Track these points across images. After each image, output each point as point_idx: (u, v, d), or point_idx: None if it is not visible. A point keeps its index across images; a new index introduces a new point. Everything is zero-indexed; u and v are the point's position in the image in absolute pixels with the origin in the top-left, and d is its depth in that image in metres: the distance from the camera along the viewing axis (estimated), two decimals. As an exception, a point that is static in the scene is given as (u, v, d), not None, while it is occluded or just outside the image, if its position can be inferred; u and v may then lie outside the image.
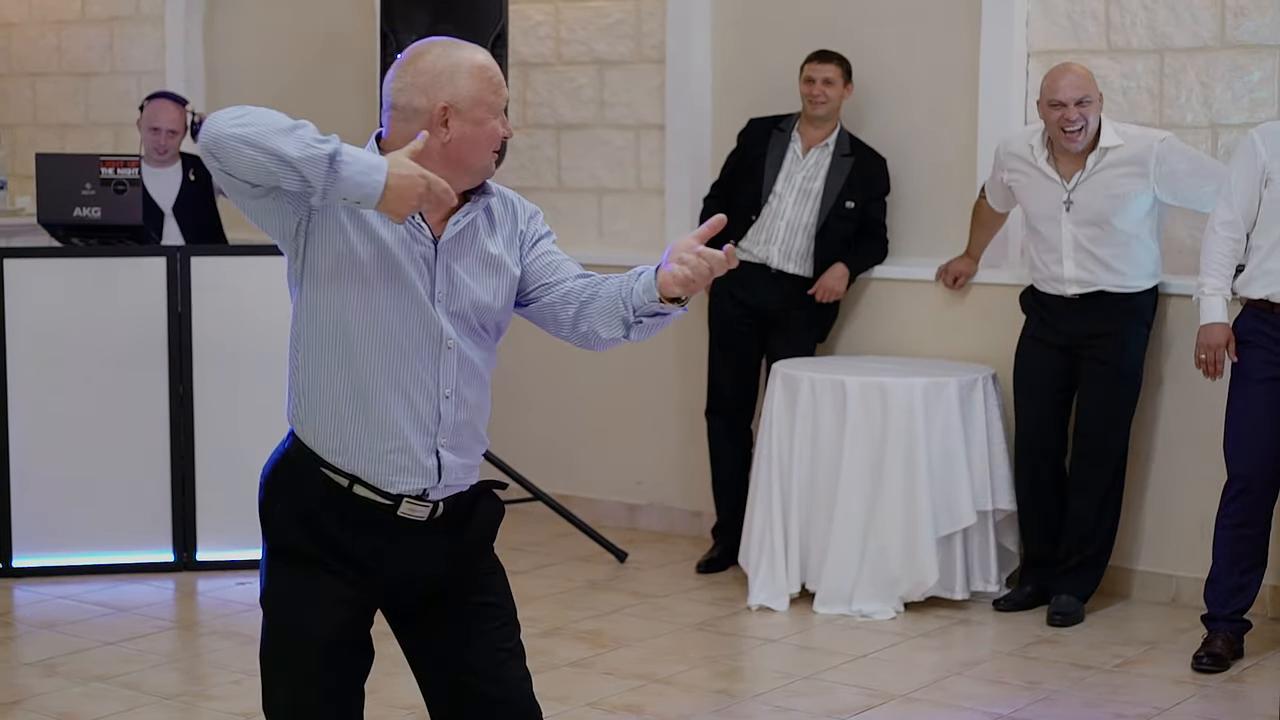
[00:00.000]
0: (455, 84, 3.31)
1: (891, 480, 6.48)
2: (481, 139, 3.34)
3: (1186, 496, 6.62)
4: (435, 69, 3.33)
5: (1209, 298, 6.00)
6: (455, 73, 3.32)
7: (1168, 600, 6.65)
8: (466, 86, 3.32)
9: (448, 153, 3.33)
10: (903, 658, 6.07)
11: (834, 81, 7.01)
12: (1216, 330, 5.97)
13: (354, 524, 3.38)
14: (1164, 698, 5.64)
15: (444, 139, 3.31)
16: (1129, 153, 6.33)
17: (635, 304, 3.40)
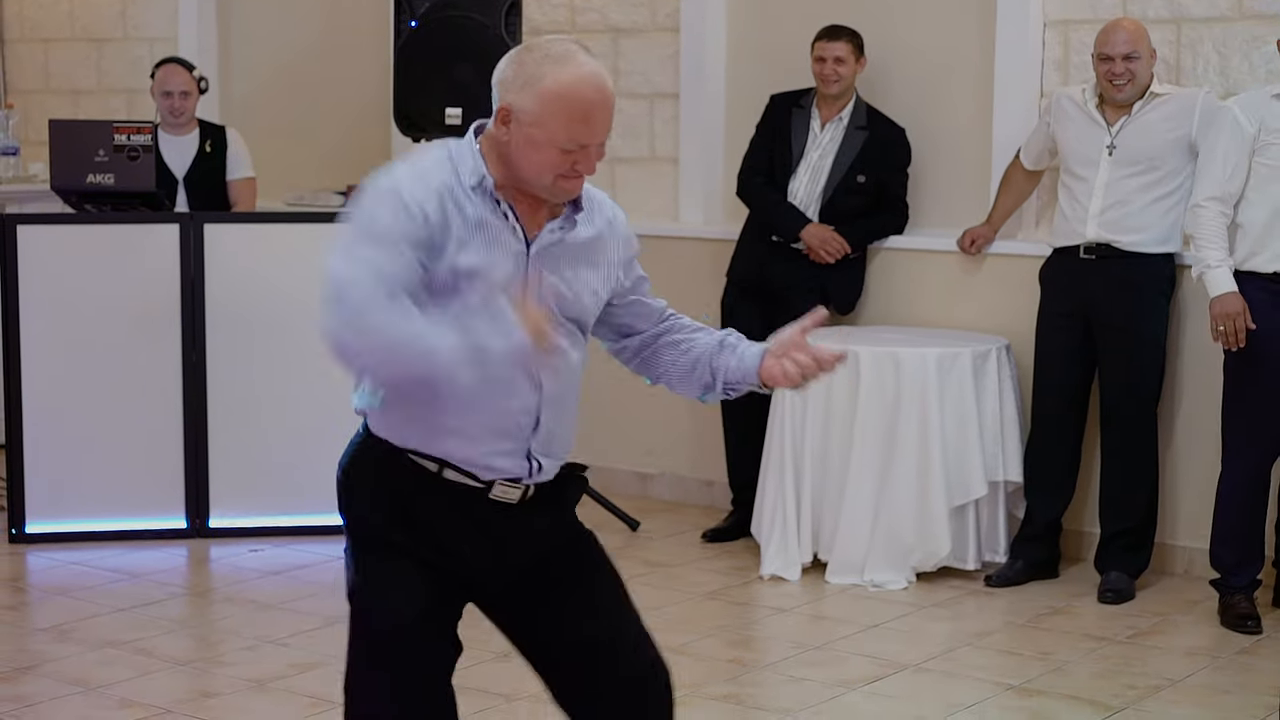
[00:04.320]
0: (526, 94, 3.18)
1: (904, 451, 6.48)
2: (537, 159, 3.21)
3: (1192, 468, 6.61)
4: (524, 68, 3.21)
5: (1214, 269, 6.00)
6: (533, 85, 3.18)
7: (1180, 572, 6.64)
8: (532, 106, 3.17)
9: (504, 152, 3.24)
10: (914, 628, 6.07)
11: (845, 59, 6.99)
12: (1232, 299, 5.97)
13: (444, 508, 3.32)
14: (1176, 669, 5.64)
15: (502, 137, 3.22)
16: (1175, 100, 6.38)
17: (728, 380, 3.45)
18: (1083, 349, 6.51)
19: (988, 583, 6.54)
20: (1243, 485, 6.10)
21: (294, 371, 6.98)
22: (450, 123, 7.22)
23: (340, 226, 3.24)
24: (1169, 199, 6.37)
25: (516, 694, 5.23)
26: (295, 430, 7.00)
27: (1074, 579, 6.60)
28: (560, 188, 3.25)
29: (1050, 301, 6.62)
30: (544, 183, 3.24)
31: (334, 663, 5.48)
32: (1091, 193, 6.42)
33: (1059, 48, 6.98)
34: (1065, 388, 6.57)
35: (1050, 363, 6.60)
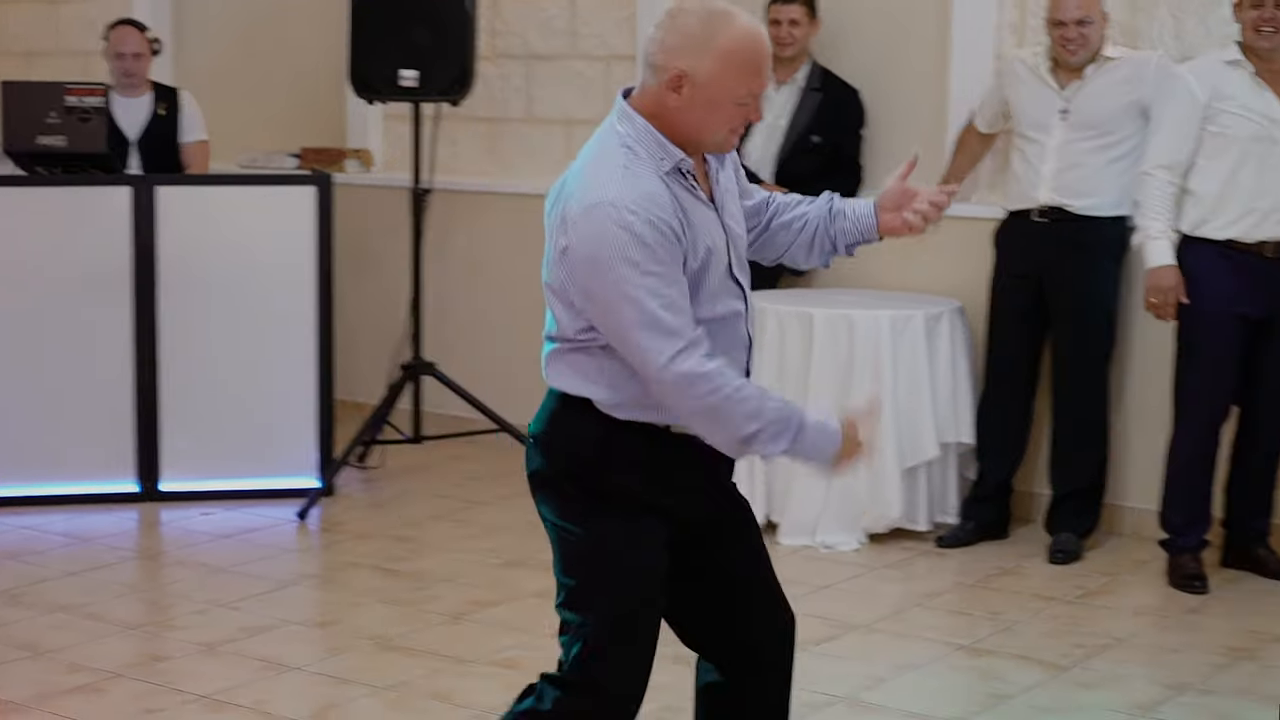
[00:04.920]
0: (700, 57, 3.20)
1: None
2: (715, 118, 3.25)
3: (1142, 430, 6.64)
4: (689, 31, 3.21)
5: (1155, 240, 6.04)
6: (707, 46, 3.20)
7: (1129, 533, 6.67)
8: (710, 66, 3.20)
9: (673, 119, 3.24)
10: (866, 589, 6.09)
11: (799, 21, 6.99)
12: (1167, 273, 6.01)
13: (667, 459, 3.37)
14: (1124, 628, 5.68)
15: (673, 104, 3.22)
16: (1128, 64, 6.39)
17: (849, 242, 3.57)
18: (1035, 311, 6.53)
19: (939, 544, 6.57)
20: (1193, 447, 6.14)
21: (246, 334, 6.98)
22: (405, 84, 7.21)
23: (613, 279, 3.16)
24: (1122, 162, 6.39)
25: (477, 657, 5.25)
26: (247, 394, 7.00)
27: (1024, 540, 6.63)
28: (730, 141, 3.32)
29: (1003, 264, 6.64)
30: (718, 140, 3.30)
31: (284, 626, 5.53)
32: (1045, 156, 6.44)
33: (1014, 10, 6.98)
34: (1017, 350, 6.60)
35: (1002, 325, 6.62)
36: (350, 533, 6.69)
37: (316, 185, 7.06)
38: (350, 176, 8.38)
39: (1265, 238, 5.97)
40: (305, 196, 7.03)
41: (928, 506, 6.64)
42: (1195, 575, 6.07)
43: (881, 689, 5.09)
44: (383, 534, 6.66)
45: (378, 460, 7.54)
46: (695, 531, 3.44)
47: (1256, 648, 5.50)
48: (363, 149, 8.60)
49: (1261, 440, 6.21)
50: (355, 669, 5.20)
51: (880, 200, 3.54)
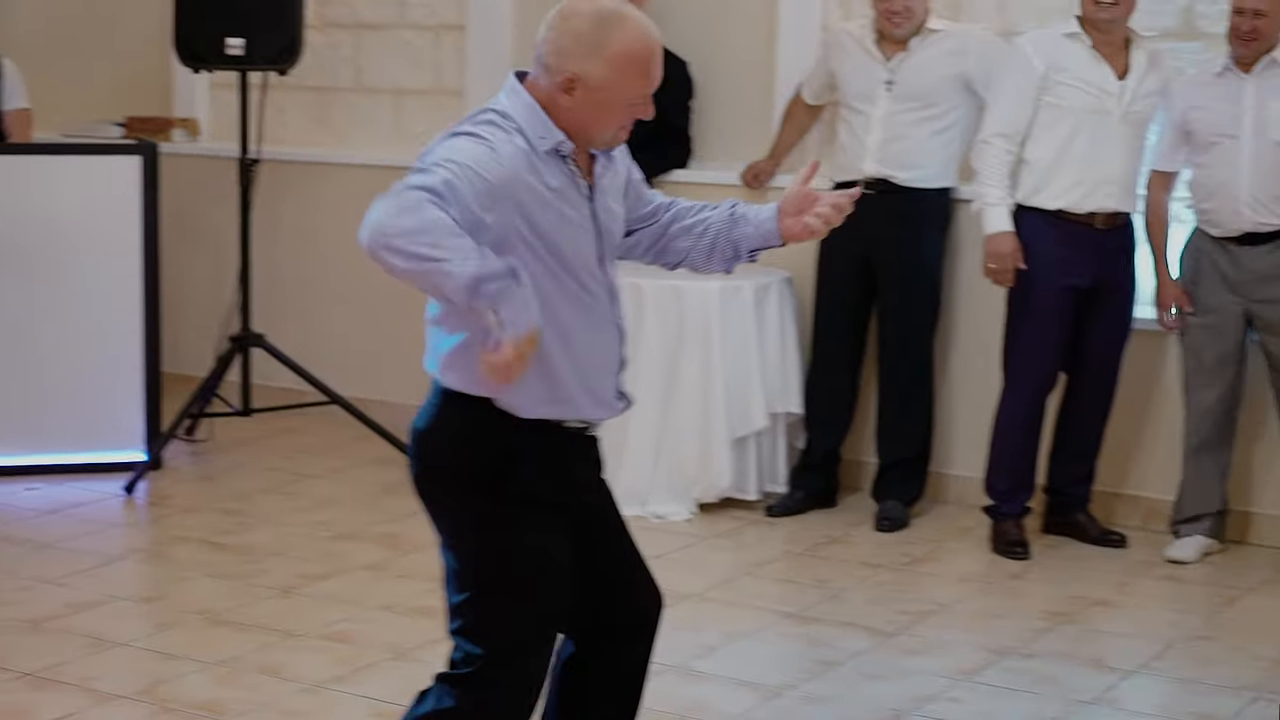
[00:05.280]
0: (592, 61, 3.22)
1: (687, 383, 6.54)
2: (606, 119, 3.27)
3: (966, 399, 6.76)
4: (580, 34, 3.23)
5: (994, 207, 6.13)
6: (599, 50, 3.22)
7: (954, 500, 6.78)
8: (602, 70, 3.22)
9: (565, 116, 3.25)
10: (697, 558, 6.14)
11: (627, -9, 7.00)
12: (1005, 239, 6.10)
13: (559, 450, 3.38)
14: (947, 594, 5.78)
15: (564, 104, 3.24)
16: (952, 36, 6.48)
17: (751, 248, 3.57)
18: (861, 282, 6.61)
19: (768, 513, 6.63)
20: (1019, 415, 6.26)
21: (70, 307, 6.88)
22: (232, 53, 7.14)
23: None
24: (945, 134, 6.48)
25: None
26: (72, 367, 6.89)
27: (852, 508, 6.72)
28: (619, 138, 3.35)
29: (830, 235, 6.67)
30: (607, 138, 3.32)
31: (112, 602, 5.47)
32: (870, 127, 6.51)
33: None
34: (844, 320, 6.68)
35: (830, 296, 6.70)
36: (178, 506, 6.63)
37: (142, 155, 6.97)
38: (177, 146, 8.28)
39: (1095, 208, 6.09)
40: (130, 166, 6.94)
41: (757, 476, 6.70)
42: (1018, 542, 6.19)
43: (712, 657, 5.15)
44: (211, 507, 6.61)
45: (206, 433, 7.47)
46: (580, 514, 3.45)
47: (1076, 611, 5.62)
48: (189, 118, 8.50)
49: (1086, 408, 6.34)
50: (184, 644, 5.16)
51: (782, 204, 3.54)
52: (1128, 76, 6.07)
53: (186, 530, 6.33)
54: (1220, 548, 6.20)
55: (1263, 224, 5.92)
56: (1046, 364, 6.24)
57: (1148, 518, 6.47)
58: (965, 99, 6.49)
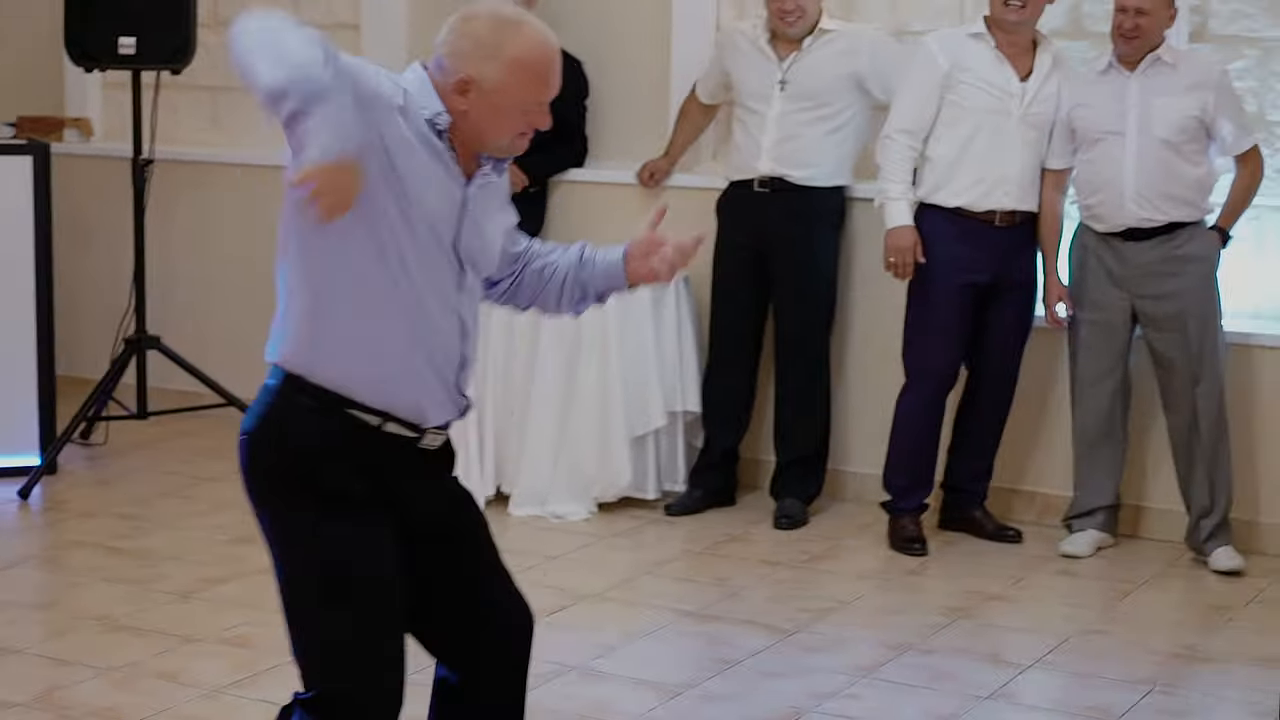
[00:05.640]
0: (488, 64, 3.19)
1: (585, 382, 6.55)
2: (500, 124, 3.23)
3: (863, 396, 6.80)
4: (478, 37, 3.21)
5: (895, 202, 6.18)
6: (495, 54, 3.19)
7: (852, 497, 6.83)
8: (498, 74, 3.19)
9: (462, 119, 3.22)
10: (596, 558, 6.15)
11: (521, -10, 7.02)
12: (905, 233, 6.15)
13: (386, 455, 3.29)
14: (846, 591, 5.81)
15: (459, 106, 3.21)
16: (844, 36, 6.52)
17: (599, 291, 3.57)
18: (757, 280, 6.64)
19: (667, 511, 6.65)
20: (919, 411, 6.31)
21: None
22: (124, 52, 7.10)
23: None
24: (839, 134, 6.53)
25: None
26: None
27: (751, 506, 6.75)
28: (516, 145, 3.30)
29: (726, 233, 6.73)
30: (502, 144, 3.28)
31: (6, 609, 5.43)
32: (764, 127, 6.54)
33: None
34: (741, 319, 6.71)
35: (726, 294, 6.72)
36: (74, 511, 6.57)
37: (33, 155, 6.90)
38: (69, 146, 8.20)
39: (994, 207, 6.15)
40: (22, 166, 6.86)
41: (656, 475, 6.72)
42: (915, 538, 6.24)
43: (612, 657, 5.16)
44: (108, 512, 6.55)
45: (102, 437, 7.41)
46: (421, 532, 3.37)
47: (973, 607, 5.67)
48: (82, 118, 8.43)
49: (985, 405, 6.40)
50: (80, 650, 5.12)
51: (629, 248, 3.54)
52: (1030, 78, 6.13)
53: (83, 535, 6.28)
54: (1113, 542, 6.27)
55: (1146, 219, 6.00)
56: (946, 361, 6.29)
57: (1043, 513, 6.54)
58: (858, 98, 6.54)
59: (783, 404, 6.69)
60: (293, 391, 3.26)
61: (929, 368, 6.29)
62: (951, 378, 6.34)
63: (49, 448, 6.89)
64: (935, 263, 6.17)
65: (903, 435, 6.35)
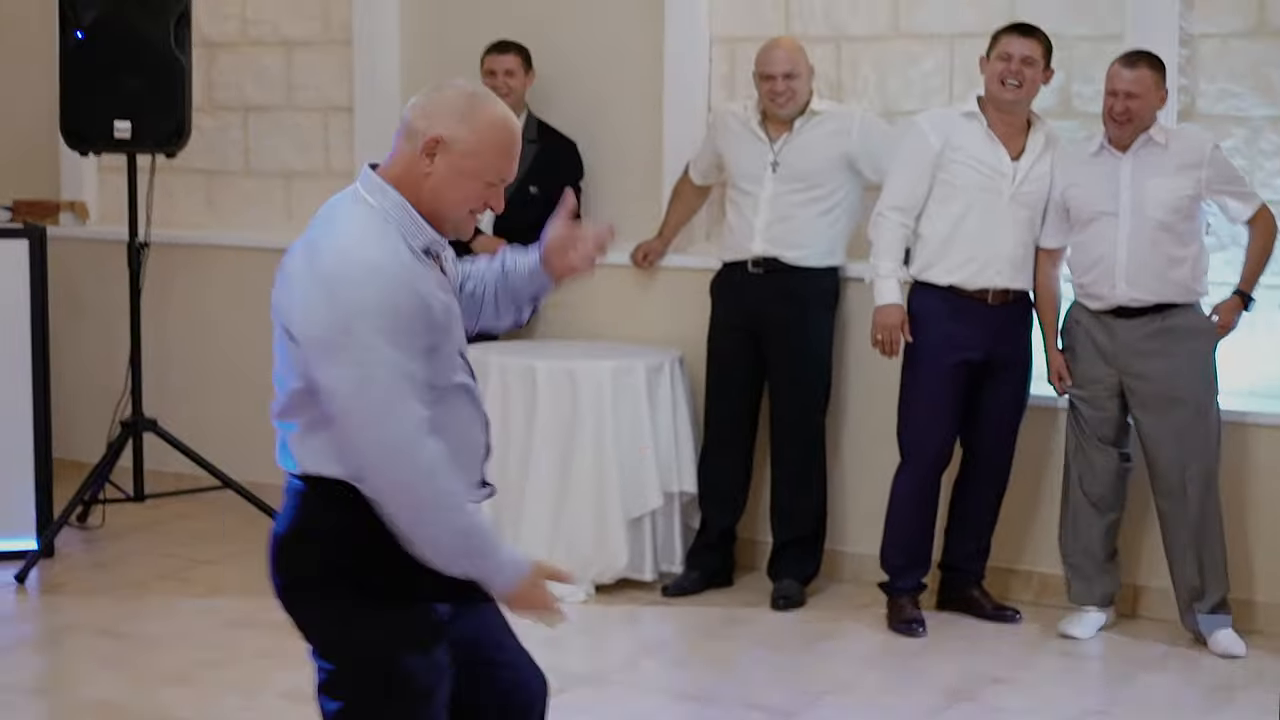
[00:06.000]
0: (463, 125, 3.23)
1: (581, 464, 6.55)
2: (460, 192, 3.25)
3: (859, 475, 6.81)
4: (452, 102, 3.25)
5: (885, 279, 6.20)
6: (468, 116, 3.23)
7: (850, 578, 6.82)
8: (468, 137, 3.22)
9: (423, 188, 3.23)
10: (594, 640, 6.14)
11: (515, 71, 7.06)
12: (893, 311, 6.18)
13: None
14: (846, 673, 5.80)
15: (424, 169, 3.22)
16: (834, 117, 6.56)
17: (530, 296, 3.63)
18: (752, 360, 6.66)
19: (665, 593, 6.64)
20: (914, 490, 6.31)
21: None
22: (119, 136, 7.12)
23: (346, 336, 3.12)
24: (831, 214, 6.56)
25: None
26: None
27: (748, 587, 6.74)
28: (468, 224, 3.33)
29: (720, 314, 6.76)
30: (458, 217, 3.30)
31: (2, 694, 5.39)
32: (757, 208, 6.57)
33: (725, 64, 7.13)
34: (736, 399, 6.72)
35: (721, 374, 6.74)
36: (71, 594, 6.56)
37: (29, 238, 6.92)
38: (65, 229, 8.23)
39: (986, 285, 6.18)
40: (18, 250, 6.88)
41: (653, 556, 6.71)
42: (914, 619, 6.23)
43: (612, 741, 5.15)
44: (105, 595, 6.54)
45: (99, 520, 7.41)
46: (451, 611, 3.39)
47: (974, 689, 5.66)
48: (78, 201, 8.46)
49: (981, 484, 6.40)
50: (79, 738, 5.11)
51: (545, 246, 3.58)
52: (1022, 157, 6.17)
53: (79, 619, 6.26)
54: (1114, 621, 6.26)
55: (1136, 299, 6.02)
56: (940, 439, 6.30)
57: (1041, 593, 6.53)
58: (850, 179, 6.57)
59: (779, 484, 6.69)
60: (325, 493, 3.27)
61: (923, 446, 6.30)
62: (946, 456, 6.34)
63: (46, 531, 6.88)
64: (928, 341, 6.19)
65: (899, 514, 6.35)
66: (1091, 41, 6.51)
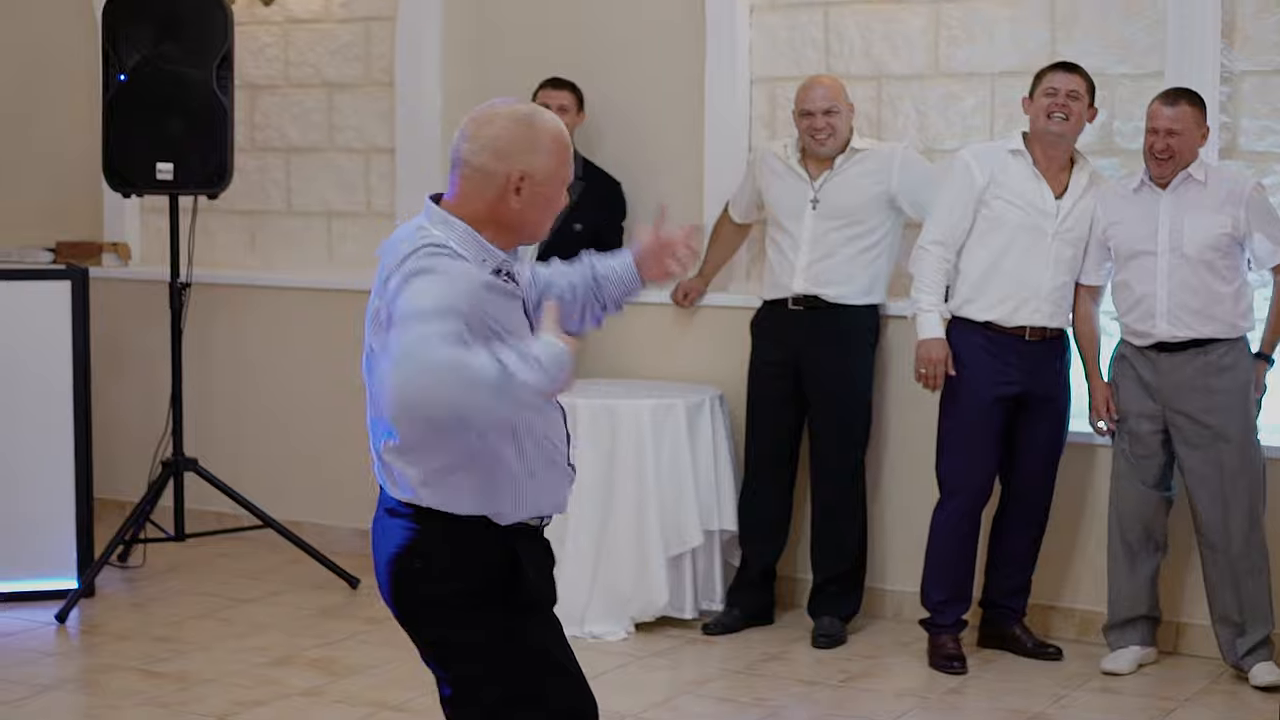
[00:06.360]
0: (534, 155, 3.37)
1: (621, 501, 6.55)
2: (549, 210, 3.43)
3: (900, 513, 6.79)
4: (513, 135, 3.37)
5: (926, 313, 6.19)
6: (536, 144, 3.37)
7: (891, 615, 6.80)
8: (545, 162, 3.38)
9: (511, 218, 3.38)
10: (634, 678, 6.13)
11: (568, 109, 7.07)
12: (936, 345, 6.16)
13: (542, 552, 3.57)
14: (887, 711, 5.77)
15: (514, 205, 3.37)
16: (874, 155, 6.56)
17: (618, 299, 3.73)
18: (793, 398, 6.66)
19: (705, 631, 6.62)
20: (953, 525, 6.29)
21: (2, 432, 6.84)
22: (161, 178, 7.16)
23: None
24: (871, 251, 6.56)
25: None
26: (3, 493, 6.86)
27: (789, 624, 6.72)
28: (548, 228, 3.48)
29: (761, 352, 6.76)
30: (544, 230, 3.46)
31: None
32: (798, 247, 6.57)
33: (765, 104, 7.14)
34: (776, 436, 6.71)
35: (762, 412, 6.73)
36: (111, 634, 6.57)
37: (72, 280, 6.96)
38: (107, 270, 8.28)
39: (1024, 323, 6.17)
40: (60, 291, 6.93)
41: (693, 594, 6.70)
42: (954, 656, 6.20)
43: (652, 779, 5.13)
44: (145, 635, 6.55)
45: (139, 559, 7.43)
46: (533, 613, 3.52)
47: (1015, 726, 5.64)
48: (120, 242, 8.50)
49: (1021, 520, 6.38)
50: (119, 775, 5.11)
51: (639, 255, 3.71)
52: (1064, 196, 6.16)
53: (119, 658, 6.27)
54: (1154, 658, 6.23)
55: (1176, 335, 6.00)
56: (979, 475, 6.28)
57: (1083, 630, 6.50)
58: (890, 216, 6.57)
59: (819, 522, 6.68)
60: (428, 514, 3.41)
61: (962, 481, 6.28)
62: (985, 491, 6.32)
63: (87, 571, 6.91)
64: (966, 376, 6.18)
65: (938, 549, 6.33)
66: (1132, 79, 6.51)
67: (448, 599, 3.42)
